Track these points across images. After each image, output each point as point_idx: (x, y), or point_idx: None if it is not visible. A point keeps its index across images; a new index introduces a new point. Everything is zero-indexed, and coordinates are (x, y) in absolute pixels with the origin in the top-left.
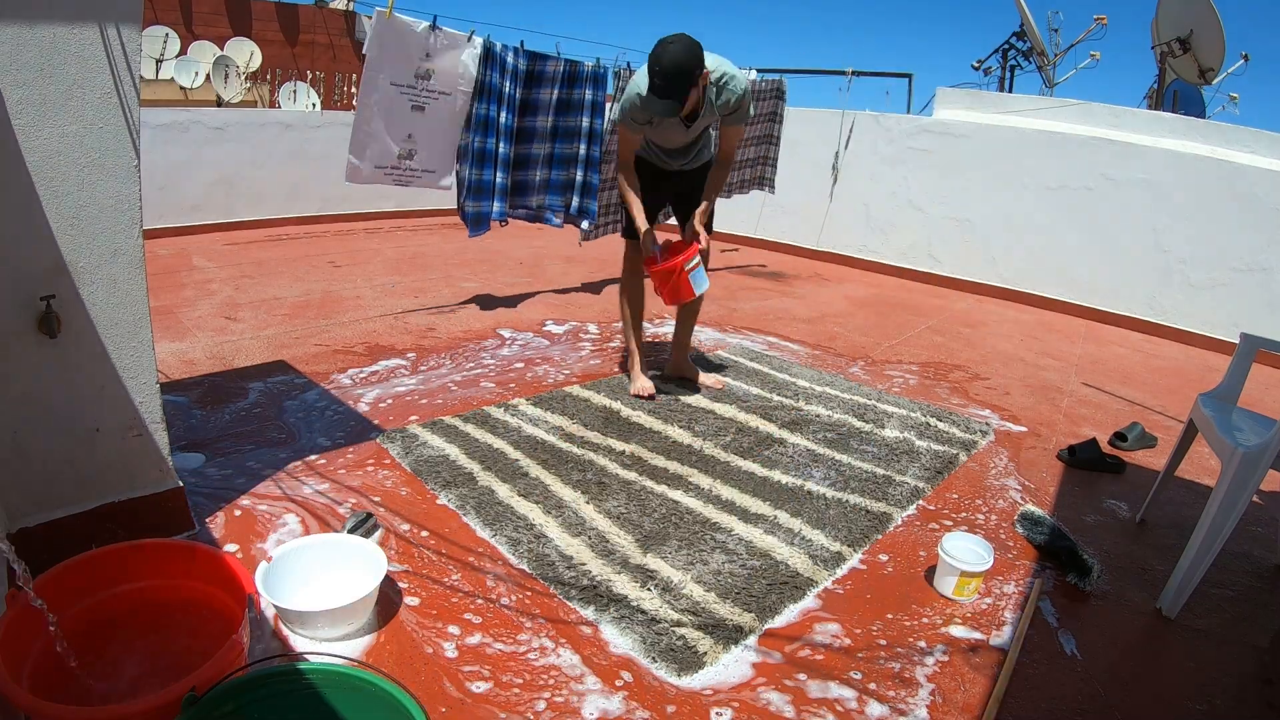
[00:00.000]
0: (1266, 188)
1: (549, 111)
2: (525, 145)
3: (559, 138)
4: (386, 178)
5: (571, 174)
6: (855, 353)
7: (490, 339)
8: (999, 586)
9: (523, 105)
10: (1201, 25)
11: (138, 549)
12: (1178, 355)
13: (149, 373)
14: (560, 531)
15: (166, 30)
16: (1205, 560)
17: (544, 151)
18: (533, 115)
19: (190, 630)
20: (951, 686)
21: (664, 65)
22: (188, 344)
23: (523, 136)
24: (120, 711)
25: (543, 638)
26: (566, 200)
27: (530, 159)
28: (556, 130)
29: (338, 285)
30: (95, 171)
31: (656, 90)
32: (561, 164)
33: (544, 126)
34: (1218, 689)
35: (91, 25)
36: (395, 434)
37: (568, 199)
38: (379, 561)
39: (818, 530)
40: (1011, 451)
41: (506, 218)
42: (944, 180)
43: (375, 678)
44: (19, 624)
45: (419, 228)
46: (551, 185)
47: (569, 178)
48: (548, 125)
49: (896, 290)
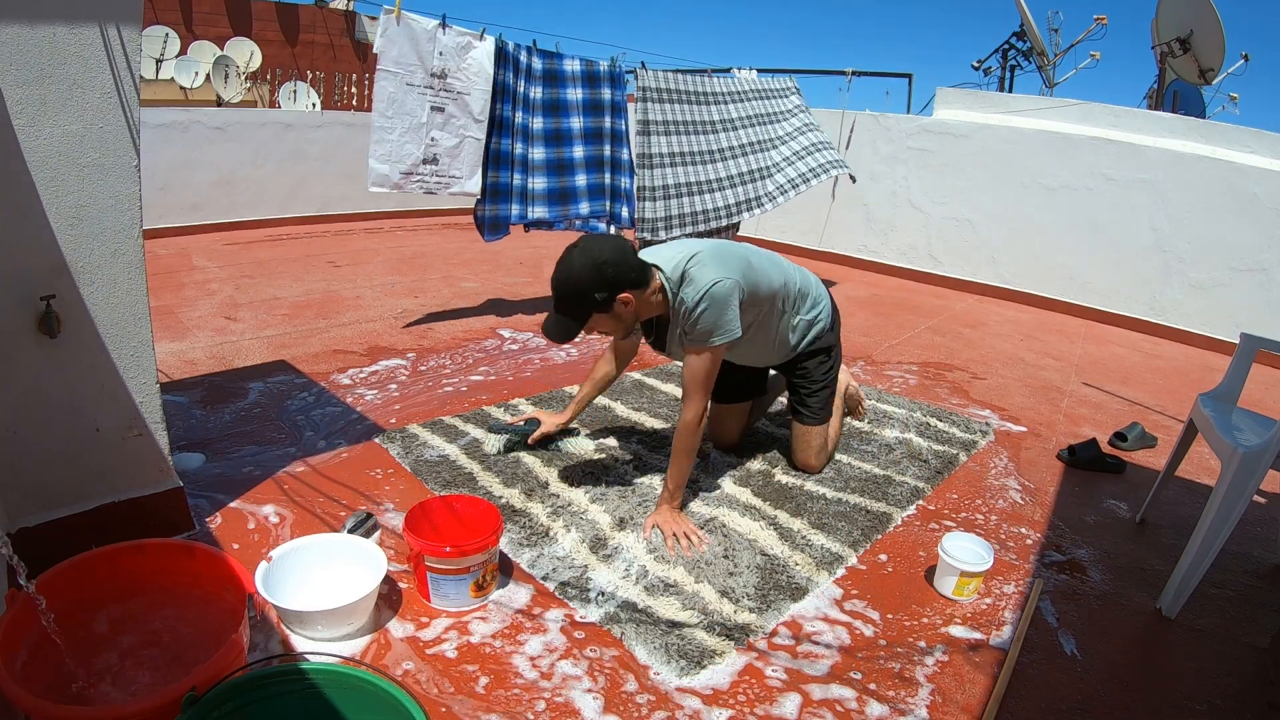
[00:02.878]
0: (1266, 188)
1: (576, 113)
2: (560, 149)
3: (589, 140)
4: (414, 184)
5: (602, 178)
6: (855, 353)
7: (490, 339)
8: (999, 586)
9: (542, 105)
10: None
11: (138, 549)
12: (1178, 355)
13: (149, 372)
14: (561, 531)
15: (166, 30)
16: (1205, 560)
17: (581, 155)
18: (558, 116)
19: (190, 630)
20: (951, 686)
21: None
22: (188, 344)
23: (553, 140)
24: (120, 711)
25: (543, 637)
26: (604, 205)
27: (570, 163)
28: (585, 132)
29: (338, 285)
30: (95, 171)
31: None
32: (595, 168)
33: (575, 128)
34: (1218, 689)
35: (91, 25)
36: (395, 434)
37: (604, 204)
38: (379, 561)
39: (818, 530)
40: (1011, 451)
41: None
42: (944, 180)
43: (375, 678)
44: (19, 624)
45: (419, 228)
46: (595, 190)
47: (601, 181)
48: (578, 127)
49: (896, 290)
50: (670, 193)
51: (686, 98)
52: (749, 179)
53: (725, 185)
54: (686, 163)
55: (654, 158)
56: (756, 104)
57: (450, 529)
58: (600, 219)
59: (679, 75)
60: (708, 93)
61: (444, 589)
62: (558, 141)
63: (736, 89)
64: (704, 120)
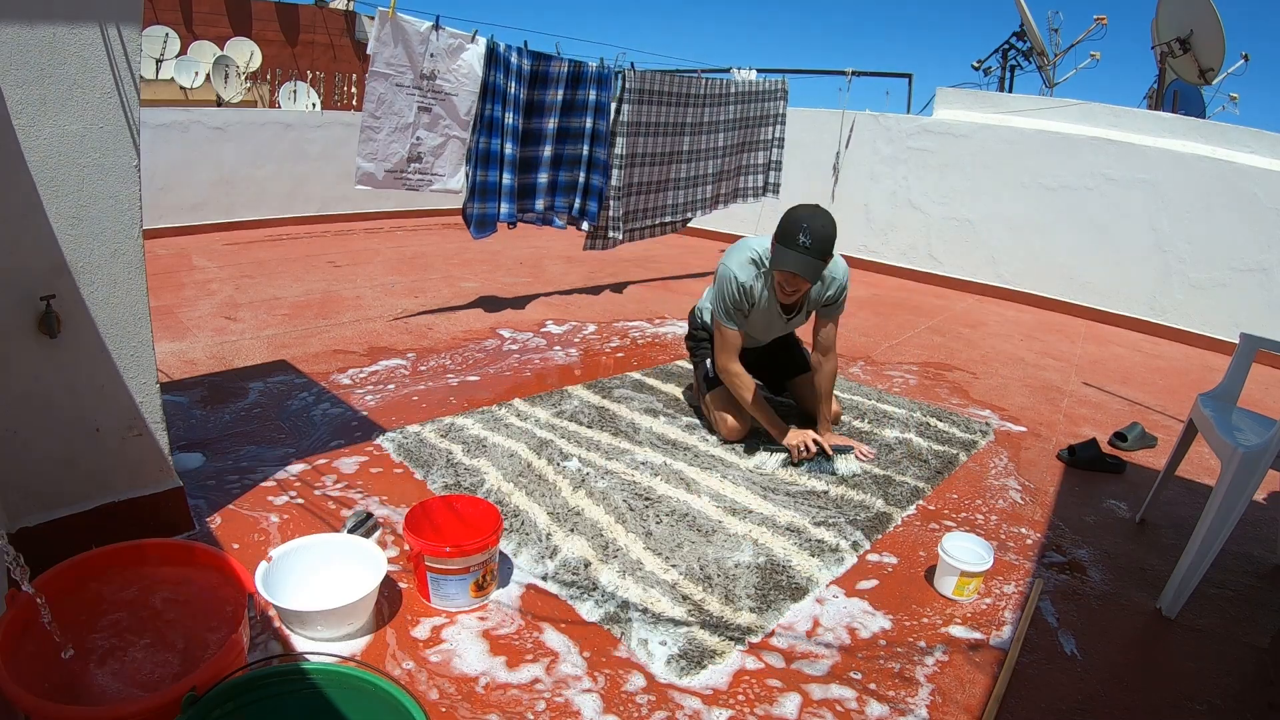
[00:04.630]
0: (1266, 188)
1: (555, 113)
2: (532, 147)
3: (564, 139)
4: (398, 182)
5: (575, 176)
6: (855, 353)
7: (490, 339)
8: (999, 586)
9: (528, 106)
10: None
11: (137, 548)
12: (1178, 355)
13: (149, 372)
14: (561, 531)
15: (166, 30)
16: (1205, 560)
17: (550, 153)
18: (539, 116)
19: (190, 630)
20: (951, 686)
21: (814, 225)
22: (188, 344)
23: (529, 138)
24: (120, 711)
25: (543, 637)
26: (569, 202)
27: (537, 161)
28: (561, 132)
29: (338, 285)
30: (95, 171)
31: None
32: (567, 165)
33: (550, 128)
34: (1218, 689)
35: (91, 25)
36: (395, 434)
37: (570, 200)
38: (379, 561)
39: (818, 530)
40: (1011, 451)
41: (515, 220)
42: (944, 180)
43: (375, 678)
44: (19, 623)
45: (419, 228)
46: (558, 187)
47: (573, 179)
48: (553, 127)
49: (896, 290)
50: (632, 190)
51: (663, 99)
52: (706, 181)
53: (685, 185)
54: (656, 162)
55: (629, 158)
56: (735, 108)
57: (451, 529)
58: (562, 215)
59: (662, 76)
60: (685, 94)
61: (444, 589)
62: (546, 141)
63: (718, 91)
64: (676, 122)
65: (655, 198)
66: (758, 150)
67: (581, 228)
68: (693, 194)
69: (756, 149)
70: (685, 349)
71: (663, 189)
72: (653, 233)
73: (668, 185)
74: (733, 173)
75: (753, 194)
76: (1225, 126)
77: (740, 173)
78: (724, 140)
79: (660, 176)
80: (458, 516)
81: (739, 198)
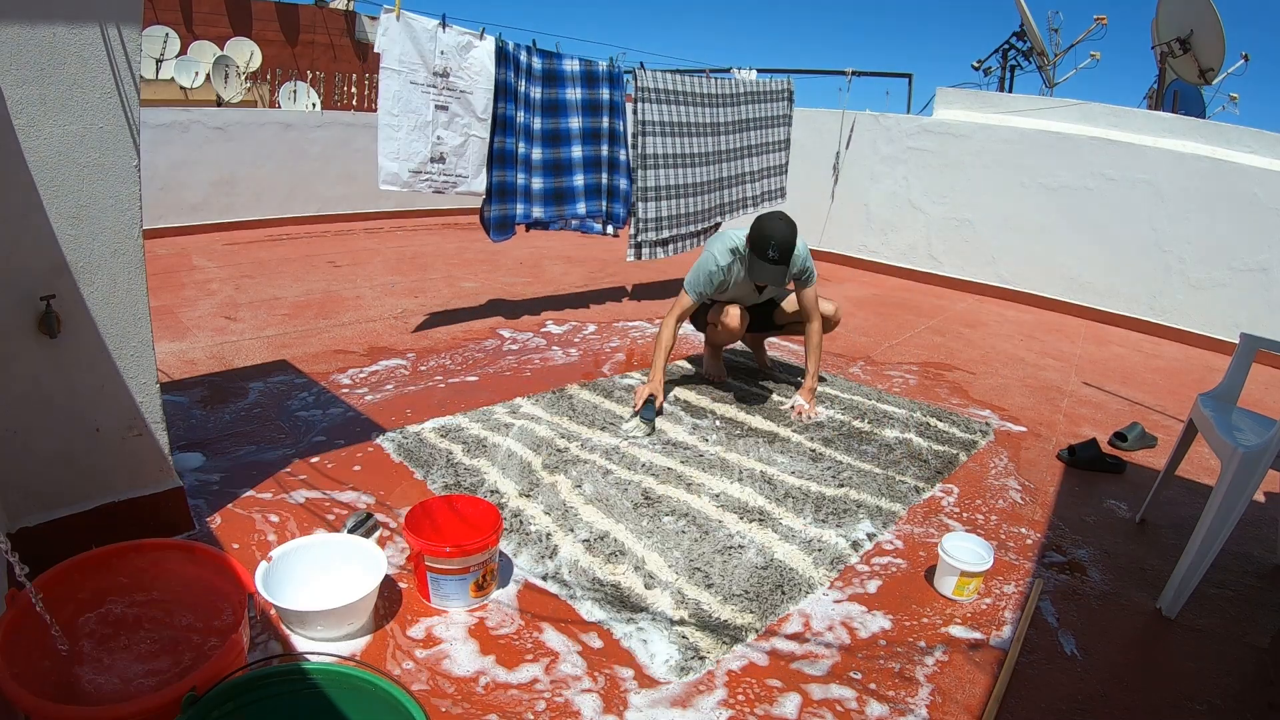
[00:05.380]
0: (1266, 188)
1: (574, 113)
2: (559, 149)
3: (589, 140)
4: (422, 183)
5: (599, 178)
6: (855, 353)
7: (490, 339)
8: (999, 586)
9: (544, 105)
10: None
11: (138, 548)
12: (1178, 355)
13: (149, 372)
14: (561, 531)
15: (166, 30)
16: (1205, 560)
17: (579, 155)
18: (558, 115)
19: (190, 630)
20: (951, 686)
21: (779, 239)
22: (188, 344)
23: (552, 140)
24: (120, 711)
25: (543, 637)
26: (600, 205)
27: (566, 164)
28: (585, 133)
29: (338, 285)
30: (95, 171)
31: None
32: (593, 168)
33: (575, 128)
34: (1218, 689)
35: (92, 25)
36: (395, 433)
37: (600, 204)
38: (379, 561)
39: (818, 530)
40: (1011, 451)
41: (535, 222)
42: (944, 180)
43: (375, 677)
44: (19, 623)
45: (419, 228)
46: (593, 190)
47: (598, 181)
48: (577, 127)
49: (896, 290)
50: (665, 194)
51: (684, 99)
52: (735, 183)
53: (716, 187)
54: (683, 164)
55: (651, 158)
56: (750, 108)
57: (451, 529)
58: (596, 219)
59: (677, 76)
60: (705, 94)
61: (444, 589)
62: (556, 141)
63: (732, 91)
64: (700, 122)
65: (688, 203)
66: (772, 152)
67: (607, 231)
68: (722, 196)
69: (771, 151)
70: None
71: (694, 193)
72: (693, 241)
73: (698, 189)
74: (757, 174)
75: (769, 197)
76: (1225, 126)
77: (763, 175)
78: (745, 141)
79: (690, 180)
80: (458, 516)
81: (765, 200)
